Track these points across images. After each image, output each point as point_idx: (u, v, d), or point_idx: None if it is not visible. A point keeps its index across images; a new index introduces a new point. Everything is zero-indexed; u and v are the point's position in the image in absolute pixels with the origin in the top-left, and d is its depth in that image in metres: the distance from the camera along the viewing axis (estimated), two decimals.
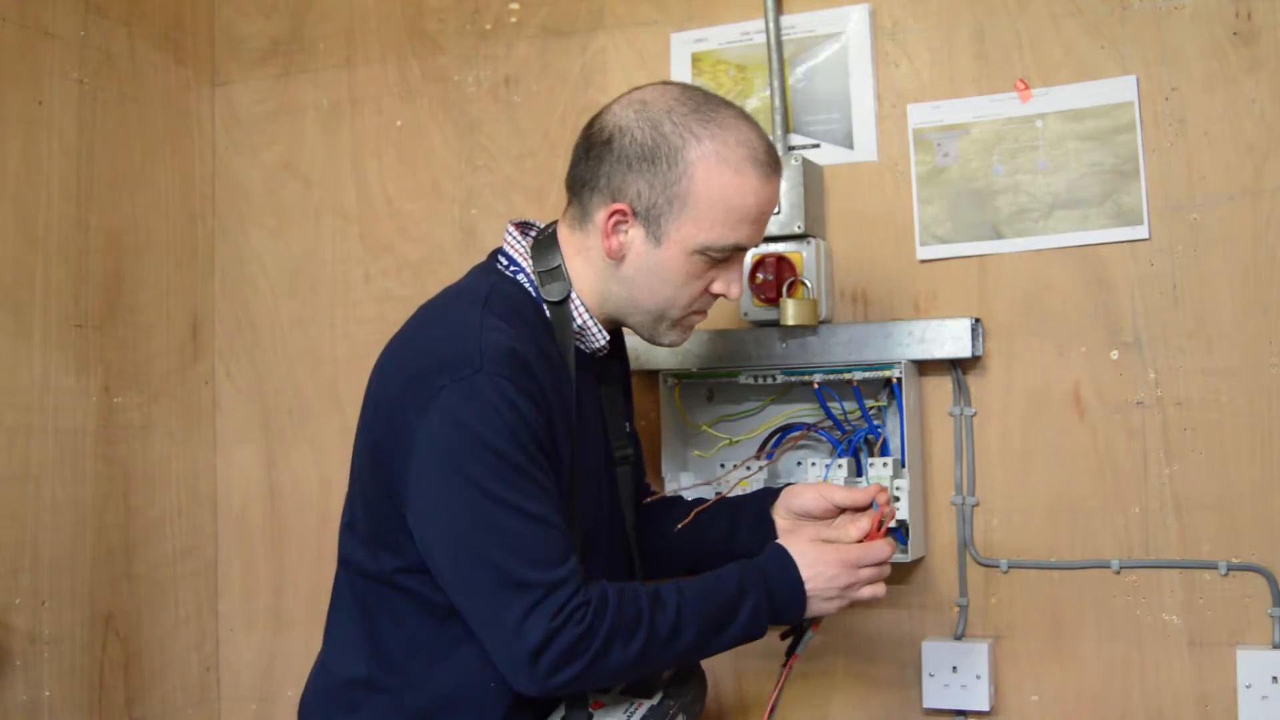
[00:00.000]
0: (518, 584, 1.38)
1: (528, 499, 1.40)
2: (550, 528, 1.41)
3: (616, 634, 1.40)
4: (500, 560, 1.38)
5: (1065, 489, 1.87)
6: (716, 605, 1.47)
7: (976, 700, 1.87)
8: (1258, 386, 1.78)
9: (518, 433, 1.41)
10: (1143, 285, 1.84)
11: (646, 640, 1.42)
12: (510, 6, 2.21)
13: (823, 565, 1.51)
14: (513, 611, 1.37)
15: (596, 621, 1.39)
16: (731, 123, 1.51)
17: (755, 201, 1.51)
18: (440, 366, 1.43)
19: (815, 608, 1.52)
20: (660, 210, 1.50)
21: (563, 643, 1.38)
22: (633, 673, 1.46)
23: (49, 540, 2.01)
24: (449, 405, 1.41)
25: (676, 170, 1.49)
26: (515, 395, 1.41)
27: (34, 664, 1.97)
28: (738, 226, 1.52)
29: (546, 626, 1.37)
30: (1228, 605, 1.79)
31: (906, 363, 1.87)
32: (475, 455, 1.40)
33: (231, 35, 2.40)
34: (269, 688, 2.32)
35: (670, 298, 1.55)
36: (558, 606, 1.37)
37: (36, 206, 2.03)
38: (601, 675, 1.42)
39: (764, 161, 1.52)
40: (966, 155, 1.93)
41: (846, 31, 2.00)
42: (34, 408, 2.00)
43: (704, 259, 1.52)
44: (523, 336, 1.48)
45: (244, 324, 2.36)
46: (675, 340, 1.62)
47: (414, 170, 2.27)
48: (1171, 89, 1.83)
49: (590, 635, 1.39)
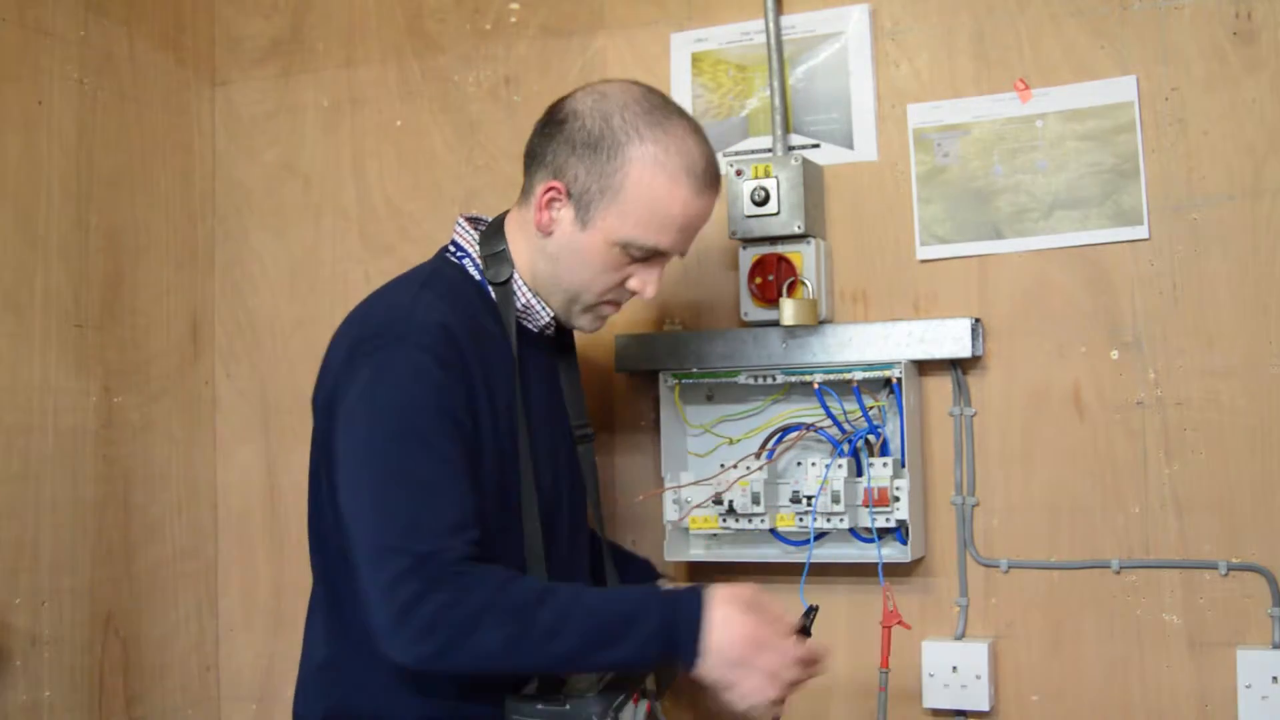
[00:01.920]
0: (395, 547, 1.40)
1: (426, 467, 1.44)
2: (441, 497, 1.44)
3: (487, 614, 1.39)
4: (384, 523, 1.42)
5: (1065, 489, 1.87)
6: (609, 620, 1.44)
7: (976, 700, 1.87)
8: (1258, 386, 1.78)
9: (429, 403, 1.46)
10: (1143, 285, 1.84)
11: (519, 632, 1.40)
12: (510, 6, 2.21)
13: (735, 628, 1.44)
14: (386, 572, 1.40)
15: (467, 596, 1.39)
16: (678, 132, 1.57)
17: (681, 211, 1.56)
18: (371, 336, 1.52)
19: (708, 667, 1.44)
20: (592, 197, 1.56)
21: (428, 609, 1.38)
22: (510, 661, 1.43)
23: (49, 540, 2.01)
24: (371, 371, 1.48)
25: (614, 164, 1.55)
26: (433, 367, 1.47)
27: (34, 664, 1.97)
28: (660, 231, 1.57)
29: (414, 590, 1.38)
30: (1228, 605, 1.79)
31: (906, 363, 1.87)
32: (384, 420, 1.46)
33: (231, 35, 2.40)
34: (269, 688, 2.31)
35: (586, 282, 1.60)
36: (432, 573, 1.39)
37: (36, 206, 2.03)
38: (474, 655, 1.40)
39: (699, 175, 1.57)
40: (966, 155, 1.93)
41: (846, 31, 2.00)
42: (34, 408, 2.00)
43: (624, 253, 1.58)
44: (458, 314, 1.55)
45: (244, 324, 2.36)
46: (586, 326, 1.67)
47: (414, 170, 2.27)
48: (1171, 89, 1.83)
49: (457, 606, 1.39)
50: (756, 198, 1.91)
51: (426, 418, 1.46)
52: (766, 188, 1.91)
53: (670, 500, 1.97)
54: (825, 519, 1.86)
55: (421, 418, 1.46)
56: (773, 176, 1.91)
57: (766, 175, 1.92)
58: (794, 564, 1.88)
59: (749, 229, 1.93)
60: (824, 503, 1.85)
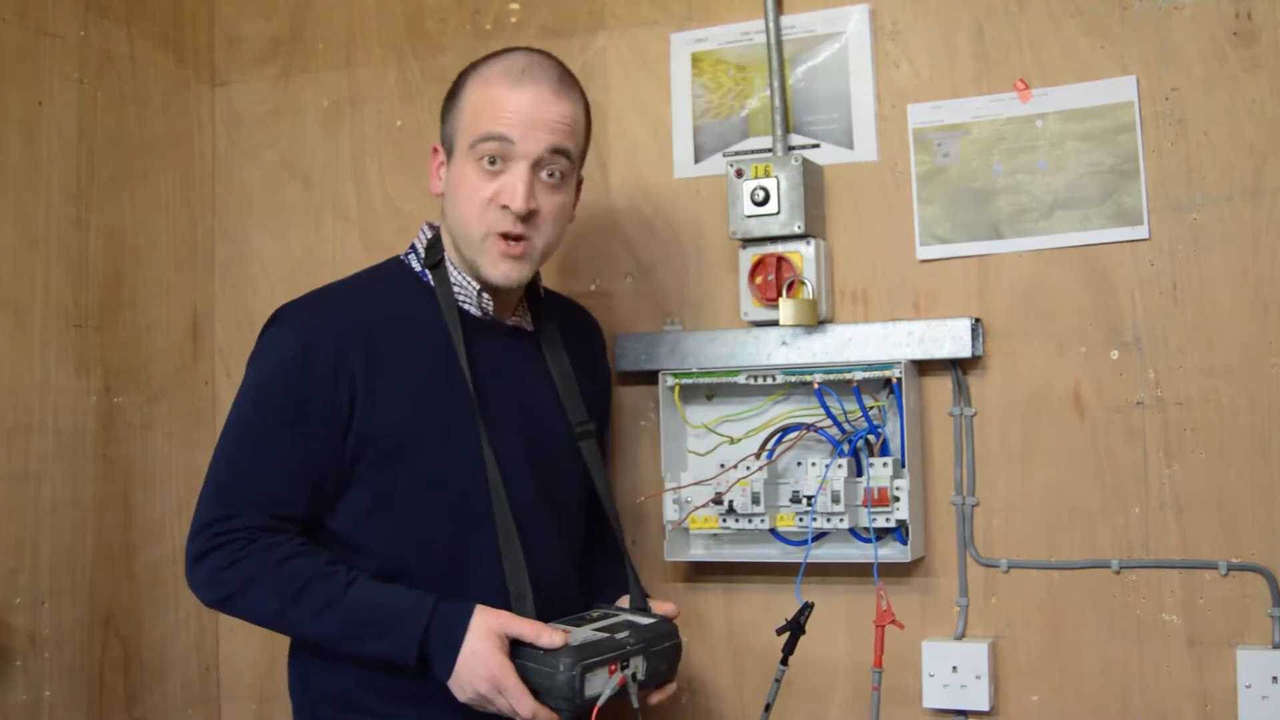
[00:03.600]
0: (205, 504, 1.62)
1: (251, 440, 1.63)
2: (252, 473, 1.61)
3: (257, 582, 1.58)
4: (209, 481, 1.64)
5: (1065, 489, 1.87)
6: (373, 617, 1.58)
7: (976, 700, 1.87)
8: (1258, 386, 1.78)
9: (283, 384, 1.63)
10: (1143, 285, 1.84)
11: (286, 605, 1.57)
12: (510, 6, 2.21)
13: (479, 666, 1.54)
14: (195, 523, 1.62)
15: (242, 561, 1.58)
16: (504, 55, 1.72)
17: (504, 101, 1.66)
18: (278, 311, 1.72)
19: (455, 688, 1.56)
20: (450, 137, 1.72)
21: (209, 565, 1.59)
22: (283, 627, 1.63)
23: (49, 540, 2.01)
24: (258, 343, 1.70)
25: (458, 100, 1.72)
26: (298, 352, 1.63)
27: (34, 664, 1.97)
28: (491, 121, 1.66)
29: (201, 546, 1.60)
30: (1228, 605, 1.79)
31: (906, 363, 1.87)
32: (244, 390, 1.67)
33: (231, 35, 2.40)
34: (269, 688, 2.31)
35: (464, 214, 1.68)
36: (220, 535, 1.59)
37: (36, 206, 2.02)
38: (249, 612, 1.62)
39: (516, 72, 1.68)
40: (966, 155, 1.93)
41: (846, 31, 2.00)
42: (34, 408, 2.00)
43: (480, 168, 1.67)
44: (378, 303, 1.70)
45: (244, 324, 2.36)
46: (493, 273, 1.69)
47: (414, 170, 2.27)
48: (1171, 89, 1.83)
49: (229, 569, 1.58)
50: (756, 198, 1.92)
51: (275, 397, 1.63)
52: (766, 188, 1.91)
53: (670, 500, 1.97)
54: (825, 519, 1.86)
55: (271, 396, 1.63)
56: (773, 176, 1.91)
57: (766, 175, 1.92)
58: (794, 564, 1.88)
59: (749, 229, 1.93)
60: (824, 503, 1.85)
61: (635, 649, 1.59)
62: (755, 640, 2.00)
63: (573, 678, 1.51)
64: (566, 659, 1.52)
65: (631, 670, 1.58)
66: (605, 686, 1.54)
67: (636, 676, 1.59)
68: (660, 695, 1.67)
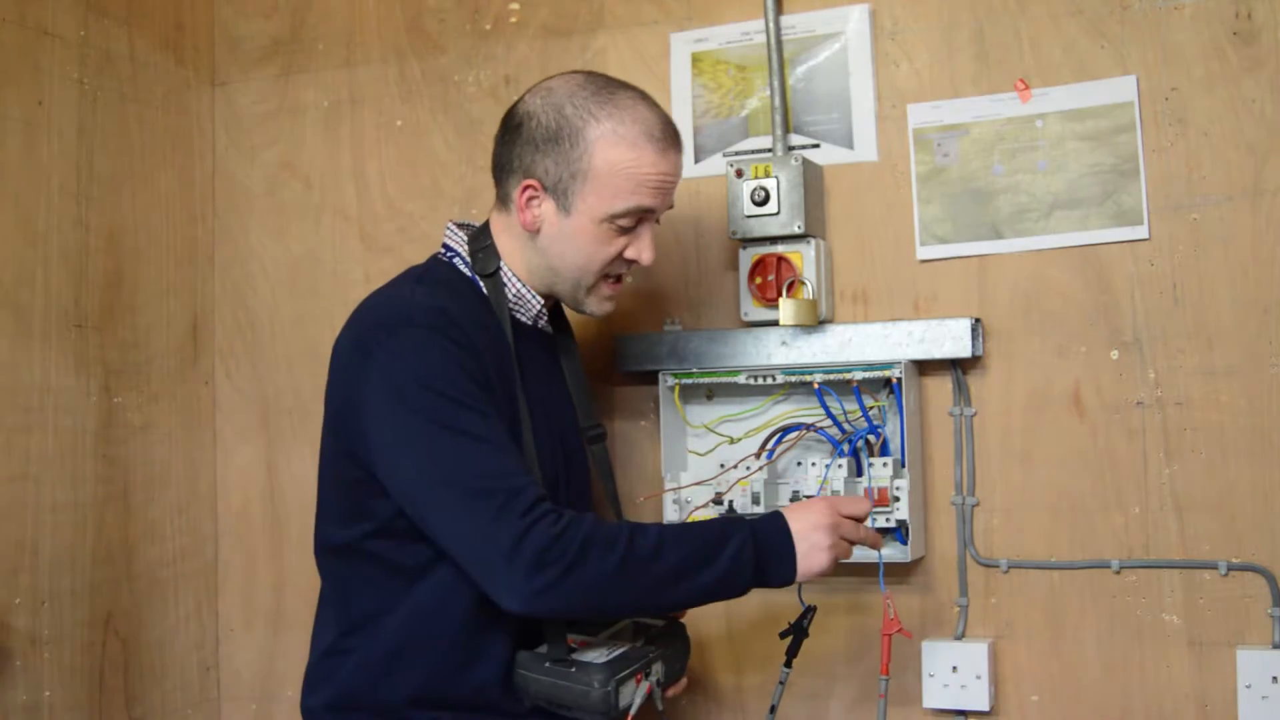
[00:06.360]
0: (481, 491, 1.43)
1: (472, 425, 1.48)
2: (499, 448, 1.49)
3: (593, 542, 1.43)
4: (460, 476, 1.45)
5: (1065, 489, 1.87)
6: (701, 540, 1.51)
7: (976, 700, 1.87)
8: (1258, 386, 1.78)
9: (450, 371, 1.51)
10: (1143, 285, 1.84)
11: (626, 554, 1.44)
12: (510, 6, 2.21)
13: (805, 510, 1.57)
14: (481, 518, 1.42)
15: (570, 527, 1.43)
16: (628, 103, 1.64)
17: (652, 173, 1.63)
18: (377, 325, 1.58)
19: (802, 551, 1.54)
20: (566, 184, 1.62)
21: (536, 542, 1.40)
22: (618, 592, 1.46)
23: (49, 540, 2.01)
24: (386, 356, 1.52)
25: (579, 149, 1.61)
26: (445, 342, 1.53)
27: (34, 664, 1.97)
28: (637, 195, 1.62)
29: (517, 525, 1.41)
30: (1228, 605, 1.79)
31: (906, 363, 1.87)
32: (416, 393, 1.50)
33: (231, 35, 2.40)
34: (269, 688, 2.31)
35: (583, 264, 1.66)
36: (525, 506, 1.42)
37: (36, 206, 2.02)
38: (585, 588, 1.42)
39: (659, 137, 1.63)
40: (966, 155, 1.93)
41: (846, 31, 2.00)
42: (34, 408, 2.00)
43: (611, 227, 1.64)
44: (454, 304, 1.61)
45: (244, 324, 2.36)
46: (596, 309, 1.72)
47: (414, 170, 2.27)
48: (1171, 89, 1.83)
49: (564, 538, 1.41)
50: (756, 198, 1.92)
51: (453, 385, 1.50)
52: (766, 188, 1.91)
53: (670, 500, 1.97)
54: None
55: (449, 385, 1.50)
56: (773, 176, 1.91)
57: (766, 175, 1.92)
58: None
59: (749, 229, 1.93)
60: None
61: (656, 655, 1.62)
62: (755, 641, 2.00)
63: (608, 693, 1.52)
64: (599, 675, 1.53)
65: (655, 677, 1.60)
66: (635, 696, 1.56)
67: (660, 681, 1.61)
68: (675, 690, 1.70)
